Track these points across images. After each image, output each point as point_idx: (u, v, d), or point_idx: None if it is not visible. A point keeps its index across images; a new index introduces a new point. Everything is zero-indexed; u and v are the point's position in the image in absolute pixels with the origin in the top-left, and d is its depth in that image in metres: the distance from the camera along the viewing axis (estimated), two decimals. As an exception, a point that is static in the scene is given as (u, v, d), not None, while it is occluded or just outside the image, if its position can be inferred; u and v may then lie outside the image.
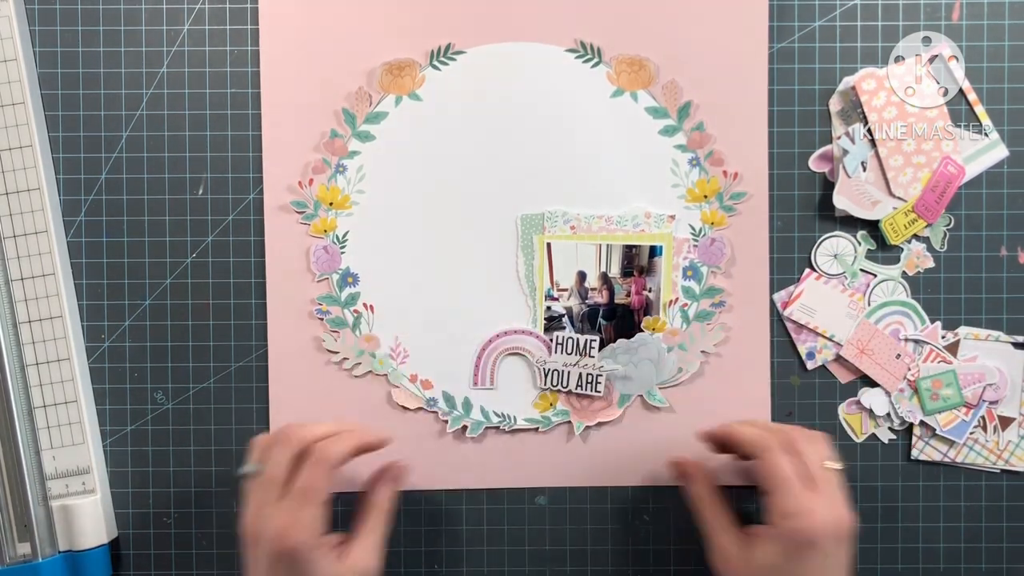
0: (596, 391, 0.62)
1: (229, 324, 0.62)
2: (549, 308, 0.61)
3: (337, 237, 0.61)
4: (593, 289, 0.61)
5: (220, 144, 0.62)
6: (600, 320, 0.62)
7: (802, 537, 0.50)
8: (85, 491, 0.61)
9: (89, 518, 0.61)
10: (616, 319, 0.61)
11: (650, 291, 0.62)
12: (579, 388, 0.62)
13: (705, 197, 0.61)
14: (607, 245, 0.61)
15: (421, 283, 0.62)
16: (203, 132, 0.62)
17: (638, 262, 0.61)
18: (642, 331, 0.62)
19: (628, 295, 0.62)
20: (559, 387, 0.62)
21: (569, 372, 0.62)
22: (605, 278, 0.61)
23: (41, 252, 0.61)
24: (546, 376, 0.62)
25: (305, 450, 0.52)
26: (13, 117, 0.60)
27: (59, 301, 0.61)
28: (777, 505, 0.51)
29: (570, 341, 0.61)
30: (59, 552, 0.60)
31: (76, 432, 0.61)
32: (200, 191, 0.62)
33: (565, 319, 0.62)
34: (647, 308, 0.62)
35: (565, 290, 0.61)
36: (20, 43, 0.60)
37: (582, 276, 0.61)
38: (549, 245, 0.61)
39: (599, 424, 0.62)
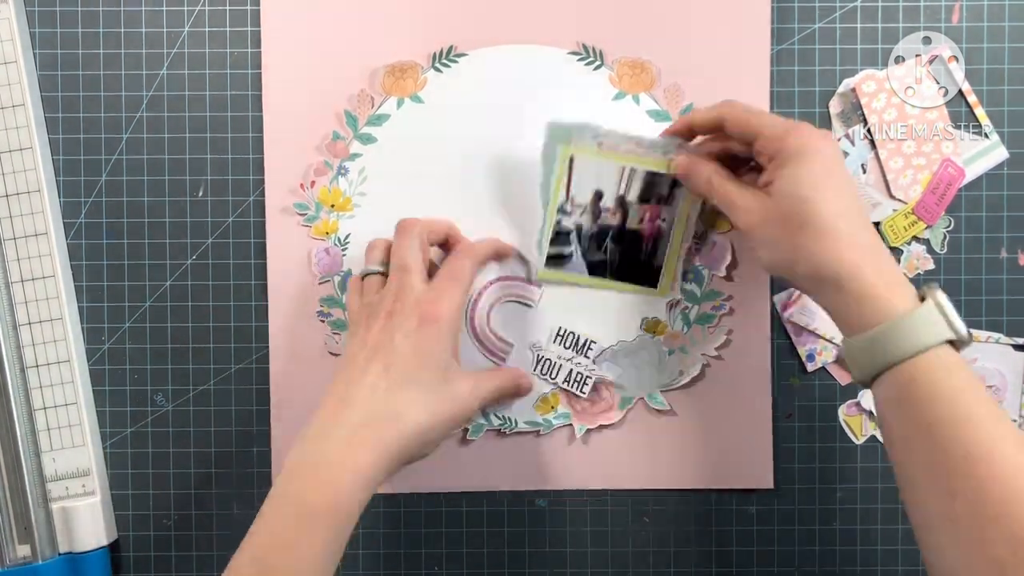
0: (581, 392, 0.61)
1: (229, 326, 0.62)
2: (559, 222, 0.60)
3: (339, 239, 0.61)
4: (607, 210, 0.61)
5: (220, 146, 0.62)
6: (608, 242, 0.61)
7: (802, 143, 0.50)
8: (85, 493, 0.61)
9: (89, 520, 0.61)
10: (625, 243, 0.60)
11: (663, 220, 0.60)
12: (567, 384, 0.62)
13: (705, 201, 0.61)
14: (631, 168, 0.59)
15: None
16: (203, 134, 0.62)
17: (658, 190, 0.59)
18: (648, 284, 0.61)
19: (641, 221, 0.60)
20: (547, 377, 0.62)
21: (561, 365, 0.62)
22: (622, 201, 0.60)
23: (41, 254, 0.61)
24: (539, 362, 0.62)
25: (441, 239, 0.58)
26: (13, 119, 0.60)
27: (59, 303, 0.61)
28: (770, 134, 0.52)
29: (571, 336, 0.61)
30: (59, 554, 0.60)
31: (76, 434, 0.61)
32: (200, 193, 0.62)
33: (573, 236, 0.60)
34: (657, 239, 0.60)
35: (579, 206, 0.60)
36: (20, 45, 0.60)
37: (598, 195, 0.60)
38: (572, 159, 0.59)
39: (600, 427, 0.62)
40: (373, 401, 0.50)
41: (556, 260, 0.61)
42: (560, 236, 0.61)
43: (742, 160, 0.56)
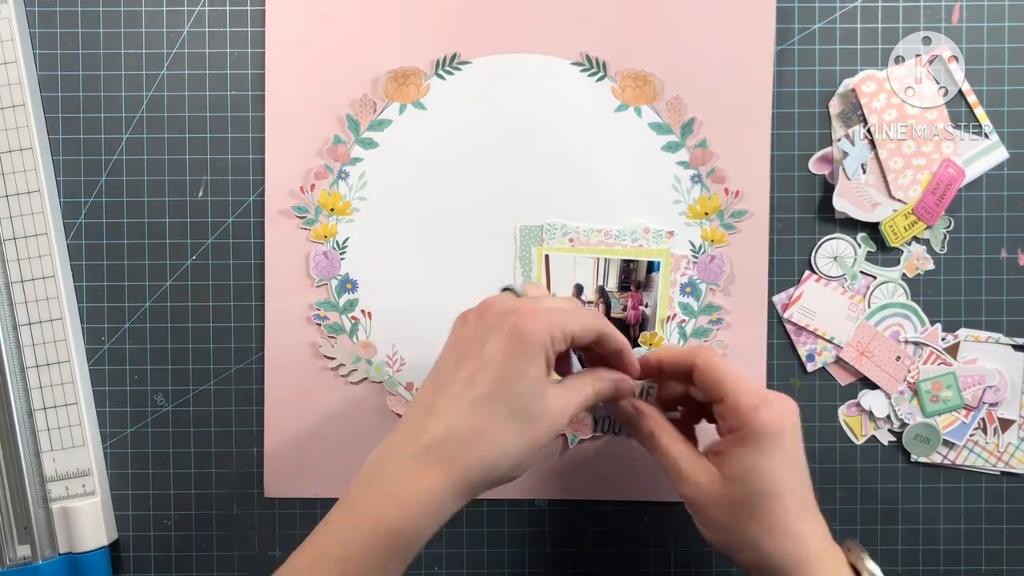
0: (615, 431, 0.61)
1: (229, 327, 0.62)
2: None
3: (337, 243, 0.61)
4: (590, 302, 0.61)
5: (220, 146, 0.62)
6: None
7: (773, 427, 0.48)
8: (85, 493, 0.61)
9: (89, 520, 0.61)
10: None
11: (646, 306, 0.61)
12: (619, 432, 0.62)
13: (706, 214, 0.61)
14: (605, 259, 0.61)
15: (419, 291, 0.61)
16: (203, 134, 0.62)
17: (635, 277, 0.61)
18: (639, 346, 0.62)
19: (624, 309, 0.61)
20: (612, 432, 0.62)
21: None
22: (602, 292, 0.61)
23: (41, 254, 0.61)
24: (596, 423, 0.61)
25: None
26: (13, 119, 0.60)
27: (59, 303, 0.61)
28: (736, 403, 0.49)
29: (605, 420, 0.61)
30: (59, 554, 0.60)
31: (76, 434, 0.61)
32: (200, 193, 0.62)
33: None
34: (643, 323, 0.62)
35: None
36: (20, 45, 0.60)
37: (579, 289, 0.61)
38: (547, 257, 0.61)
39: (594, 438, 0.62)
40: (455, 415, 0.46)
41: None
42: None
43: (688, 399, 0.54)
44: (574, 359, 0.55)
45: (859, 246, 0.61)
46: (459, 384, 0.47)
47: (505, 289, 0.51)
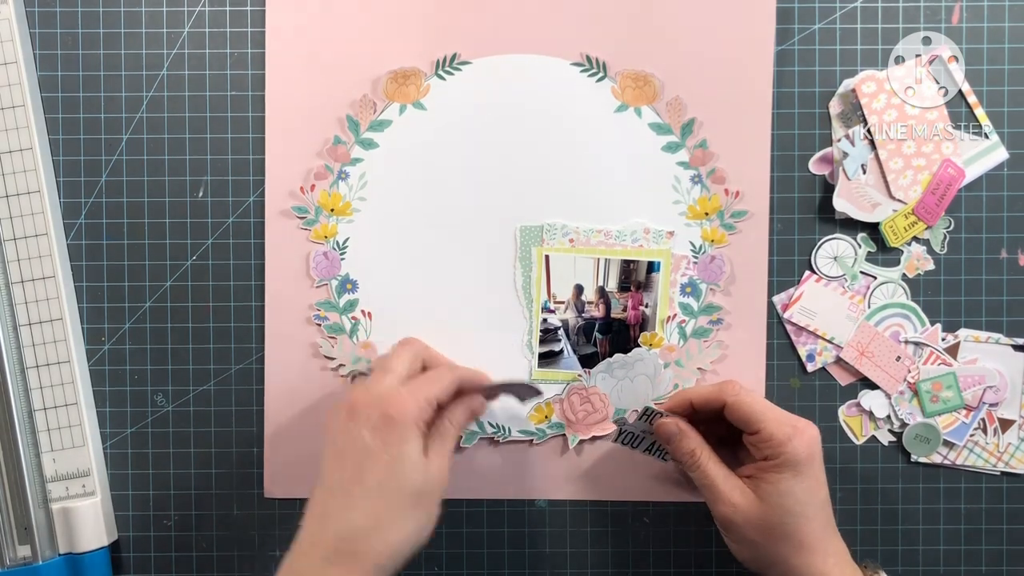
0: (665, 459, 0.61)
1: (229, 327, 0.62)
2: (545, 320, 0.61)
3: (337, 243, 0.61)
4: (590, 303, 0.61)
5: (220, 146, 0.62)
6: (596, 334, 0.61)
7: (805, 454, 0.52)
8: (85, 493, 0.61)
9: (89, 521, 0.61)
10: (612, 333, 0.61)
11: (647, 307, 0.61)
12: (647, 452, 0.61)
13: (706, 214, 0.61)
14: (605, 260, 0.61)
15: (419, 291, 0.61)
16: (203, 135, 0.62)
17: (635, 277, 0.61)
18: (639, 346, 0.62)
19: (624, 310, 0.62)
20: (630, 445, 0.61)
21: (644, 438, 0.61)
22: (602, 292, 0.61)
23: (41, 255, 0.61)
24: (620, 435, 0.61)
25: (425, 359, 0.56)
26: (13, 120, 0.60)
27: (59, 304, 0.61)
28: (770, 434, 0.53)
29: (629, 434, 0.61)
30: (59, 555, 0.60)
31: (76, 435, 0.61)
32: (200, 193, 0.62)
33: (561, 332, 0.61)
34: (643, 323, 0.62)
35: (562, 303, 0.61)
36: (20, 46, 0.60)
37: (579, 289, 0.61)
38: (547, 257, 0.61)
39: (593, 438, 0.62)
40: (351, 512, 0.49)
41: (548, 358, 0.62)
42: (548, 334, 0.62)
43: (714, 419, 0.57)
44: None
45: (859, 246, 0.61)
46: (347, 483, 0.50)
47: (354, 377, 0.56)
